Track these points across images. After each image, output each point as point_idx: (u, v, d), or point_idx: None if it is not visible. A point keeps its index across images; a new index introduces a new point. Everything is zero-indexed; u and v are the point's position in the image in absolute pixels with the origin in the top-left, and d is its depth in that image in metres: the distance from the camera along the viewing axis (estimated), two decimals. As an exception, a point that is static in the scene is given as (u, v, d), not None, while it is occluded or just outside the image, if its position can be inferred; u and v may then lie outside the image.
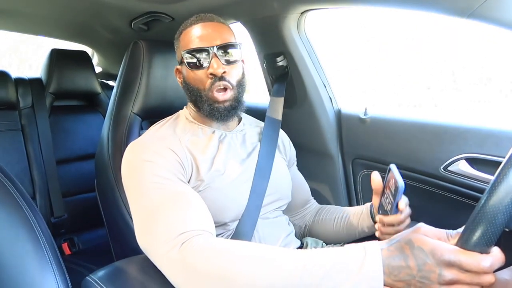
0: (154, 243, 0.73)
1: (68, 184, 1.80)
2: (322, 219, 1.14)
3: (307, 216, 1.19)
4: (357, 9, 1.12)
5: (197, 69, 0.91)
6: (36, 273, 0.68)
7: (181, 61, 0.95)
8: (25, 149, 1.71)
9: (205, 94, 0.92)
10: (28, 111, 1.75)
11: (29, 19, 1.53)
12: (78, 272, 1.51)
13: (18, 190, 0.76)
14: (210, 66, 0.89)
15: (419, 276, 0.54)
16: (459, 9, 0.82)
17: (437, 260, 0.53)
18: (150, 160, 0.82)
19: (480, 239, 0.51)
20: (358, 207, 1.08)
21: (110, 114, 1.21)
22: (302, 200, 1.19)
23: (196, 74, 0.92)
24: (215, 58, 0.89)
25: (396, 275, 0.56)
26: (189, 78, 0.94)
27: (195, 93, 0.93)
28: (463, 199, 1.09)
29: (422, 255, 0.54)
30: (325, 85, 1.37)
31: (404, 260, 0.55)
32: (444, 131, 1.11)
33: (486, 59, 2.17)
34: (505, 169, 0.50)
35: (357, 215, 1.05)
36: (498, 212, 0.50)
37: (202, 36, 0.91)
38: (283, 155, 1.13)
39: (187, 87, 0.96)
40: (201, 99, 0.92)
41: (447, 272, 0.52)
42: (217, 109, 0.92)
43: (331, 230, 1.11)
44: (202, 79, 0.91)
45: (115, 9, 1.32)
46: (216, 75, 0.89)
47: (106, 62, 2.13)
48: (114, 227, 1.16)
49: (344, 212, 1.10)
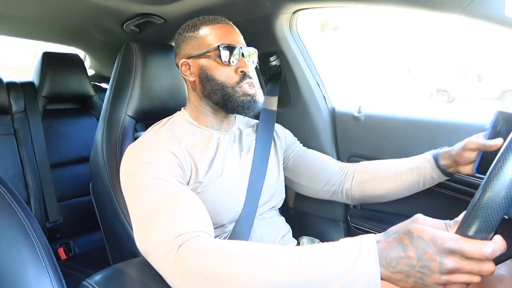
0: (152, 246, 0.73)
1: (62, 188, 1.79)
2: (371, 179, 1.07)
3: (347, 175, 1.12)
4: (348, 7, 1.12)
5: (228, 64, 0.93)
6: (32, 279, 0.68)
7: (202, 55, 0.95)
8: (19, 153, 1.70)
9: (233, 88, 0.94)
10: (21, 115, 1.74)
11: (19, 23, 1.52)
12: (75, 276, 1.50)
13: (12, 195, 0.75)
14: (241, 64, 0.94)
15: (419, 265, 0.53)
16: (450, 6, 0.83)
17: (438, 248, 0.52)
18: (149, 162, 0.82)
19: (481, 226, 0.51)
20: (413, 159, 1.02)
21: (103, 117, 1.20)
22: (328, 170, 1.14)
23: (227, 69, 0.94)
24: (243, 59, 0.94)
25: (395, 267, 0.55)
26: (216, 71, 0.94)
27: (222, 86, 0.94)
28: (458, 195, 1.09)
29: (422, 244, 0.53)
30: (319, 84, 1.37)
31: (403, 250, 0.55)
32: (438, 127, 1.12)
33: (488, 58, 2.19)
34: (504, 156, 0.50)
35: (418, 170, 0.99)
36: (499, 198, 0.49)
37: (232, 36, 0.96)
38: (278, 152, 1.13)
39: (210, 81, 0.95)
40: (228, 93, 0.94)
41: (448, 260, 0.52)
42: (246, 101, 0.94)
43: (392, 190, 1.04)
44: (231, 74, 0.94)
45: (107, 11, 1.31)
46: (247, 72, 0.94)
47: (98, 64, 2.12)
48: (110, 230, 1.16)
49: (398, 167, 1.03)
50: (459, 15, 0.82)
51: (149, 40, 1.54)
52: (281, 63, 1.35)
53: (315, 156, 1.18)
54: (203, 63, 0.95)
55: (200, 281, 0.65)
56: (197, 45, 0.95)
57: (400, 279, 0.55)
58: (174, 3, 1.20)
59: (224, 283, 0.63)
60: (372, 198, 1.09)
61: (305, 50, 1.35)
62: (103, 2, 1.22)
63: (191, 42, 0.96)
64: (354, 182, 1.10)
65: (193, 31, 0.96)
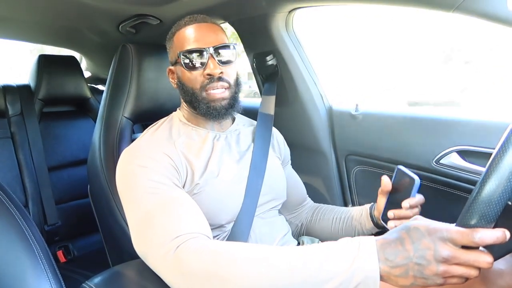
0: (150, 247, 0.73)
1: (60, 191, 1.79)
2: (320, 219, 1.15)
3: (303, 215, 1.19)
4: (344, 6, 1.12)
5: (193, 69, 0.91)
6: (31, 282, 0.67)
7: (176, 62, 0.95)
8: (16, 157, 1.69)
9: (201, 94, 0.92)
10: (18, 119, 1.73)
11: (15, 25, 1.51)
12: (74, 279, 1.50)
13: (10, 199, 0.75)
14: (207, 67, 0.90)
15: (416, 256, 0.54)
16: (445, 3, 0.83)
17: (432, 236, 0.54)
18: (144, 166, 0.82)
19: (479, 218, 0.52)
20: (356, 208, 1.07)
21: (101, 119, 1.20)
22: (298, 199, 1.19)
23: (192, 74, 0.92)
24: (212, 59, 0.90)
25: (392, 260, 0.55)
26: (185, 78, 0.94)
27: (191, 93, 0.93)
28: (456, 192, 1.10)
29: (418, 234, 0.55)
30: (316, 82, 1.37)
31: (401, 243, 0.56)
32: (435, 124, 1.12)
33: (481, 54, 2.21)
34: (504, 147, 0.51)
35: (356, 217, 1.05)
36: (496, 191, 0.50)
37: (198, 37, 0.91)
38: (278, 154, 1.13)
39: (182, 88, 0.95)
40: (197, 99, 0.92)
41: (442, 249, 0.53)
42: (214, 108, 0.92)
43: (328, 230, 1.11)
44: (198, 79, 0.92)
45: (102, 12, 1.31)
46: (214, 75, 0.90)
47: (94, 66, 2.11)
48: (109, 232, 1.16)
49: (342, 213, 1.10)
50: (454, 13, 0.83)
51: (145, 41, 1.54)
52: (278, 63, 1.35)
53: (294, 176, 1.21)
54: (177, 70, 0.97)
55: (199, 281, 0.65)
56: (172, 53, 0.97)
57: (399, 275, 0.56)
58: (170, 4, 1.20)
59: (224, 283, 0.63)
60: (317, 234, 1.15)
61: (301, 49, 1.35)
62: (99, 4, 1.22)
63: (171, 49, 0.98)
64: (310, 219, 1.18)
65: (171, 38, 0.98)
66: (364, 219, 1.02)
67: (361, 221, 1.03)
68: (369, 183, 1.34)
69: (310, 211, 1.19)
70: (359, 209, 1.05)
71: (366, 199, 1.37)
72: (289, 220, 1.17)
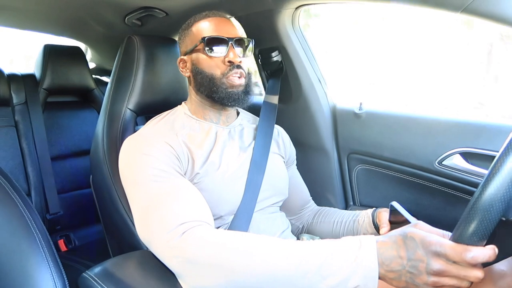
0: (155, 233, 0.74)
1: (63, 181, 1.79)
2: (321, 221, 1.15)
3: (304, 217, 1.19)
4: (350, 4, 1.12)
5: (215, 55, 0.94)
6: (32, 270, 0.68)
7: (193, 50, 0.98)
8: (19, 145, 1.70)
9: (220, 80, 0.95)
10: (22, 107, 1.74)
11: (21, 14, 1.51)
12: (75, 268, 1.51)
13: (13, 187, 0.76)
14: (227, 55, 0.94)
15: (409, 265, 0.56)
16: (452, 4, 0.82)
17: (426, 249, 0.55)
18: (147, 154, 0.84)
19: (471, 235, 0.52)
20: (359, 213, 1.07)
21: (104, 110, 1.20)
22: (301, 202, 1.19)
23: (213, 61, 0.95)
24: (232, 49, 0.94)
25: (388, 265, 0.58)
26: (204, 64, 0.96)
27: (209, 79, 0.95)
28: (458, 193, 1.10)
29: (413, 244, 0.57)
30: (320, 80, 1.37)
31: (396, 250, 0.58)
32: (439, 125, 1.12)
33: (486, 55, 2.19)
34: (499, 162, 0.51)
35: (358, 222, 1.05)
36: (490, 206, 0.50)
37: (220, 28, 0.96)
38: (282, 153, 1.13)
39: (199, 74, 0.97)
40: (216, 85, 0.95)
41: (435, 262, 0.54)
42: (233, 93, 0.95)
43: (329, 233, 1.11)
44: (219, 65, 0.95)
45: (109, 4, 1.31)
46: (234, 63, 0.94)
47: (99, 57, 2.11)
48: (110, 223, 1.16)
49: (344, 216, 1.11)
50: (461, 14, 0.82)
51: (151, 33, 1.54)
52: (283, 59, 1.34)
53: (298, 178, 1.22)
54: (194, 57, 0.98)
55: (203, 268, 0.66)
56: (190, 41, 0.99)
57: (393, 278, 0.58)
58: (176, -3, 1.20)
59: (227, 273, 0.64)
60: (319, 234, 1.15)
61: (307, 46, 1.34)
62: (105, -5, 1.22)
63: (186, 39, 1.00)
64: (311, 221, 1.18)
65: (187, 28, 1.00)
66: (366, 225, 1.02)
67: (363, 226, 1.03)
68: (370, 182, 1.34)
69: (312, 213, 1.19)
70: (361, 215, 1.06)
71: (367, 198, 1.37)
72: (290, 221, 1.17)
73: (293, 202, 1.16)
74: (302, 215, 1.20)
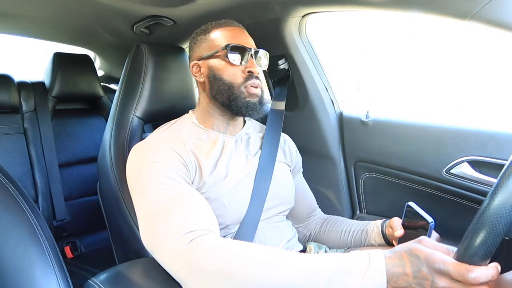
0: (161, 241, 0.73)
1: (70, 187, 1.81)
2: (329, 230, 1.14)
3: (311, 225, 1.19)
4: (358, 12, 1.12)
5: (236, 63, 0.94)
6: (38, 276, 0.68)
7: (212, 55, 0.97)
8: (28, 152, 1.72)
9: (239, 88, 0.95)
10: (31, 115, 1.76)
11: (31, 23, 1.54)
12: (81, 275, 1.51)
13: (21, 193, 0.76)
14: (249, 65, 0.94)
15: (415, 283, 0.57)
16: (460, 12, 0.82)
17: (430, 267, 0.55)
18: (155, 161, 0.83)
19: (474, 253, 0.52)
20: (368, 223, 1.06)
21: (112, 118, 1.21)
22: (308, 209, 1.19)
23: (234, 68, 0.95)
24: (252, 59, 0.95)
25: (396, 282, 0.58)
26: (224, 72, 0.95)
27: (228, 86, 0.95)
28: (466, 202, 1.08)
29: (418, 262, 0.57)
30: (327, 88, 1.37)
31: (402, 267, 0.58)
32: (447, 133, 1.11)
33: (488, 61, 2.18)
34: (503, 179, 0.51)
35: (367, 232, 1.04)
36: (493, 226, 0.50)
37: (241, 38, 0.97)
38: (288, 161, 1.13)
39: (218, 80, 0.96)
40: (234, 93, 0.95)
41: (439, 280, 0.54)
42: (251, 103, 0.95)
43: (337, 242, 1.10)
44: (238, 74, 0.95)
45: (117, 12, 1.32)
46: (254, 73, 0.94)
47: (108, 65, 2.13)
48: (117, 230, 1.16)
49: (352, 225, 1.10)
50: (469, 21, 0.82)
51: (159, 42, 1.55)
52: (290, 67, 1.35)
53: (305, 186, 1.21)
54: (212, 63, 0.97)
55: (211, 277, 0.65)
56: (208, 47, 0.98)
57: None
58: (184, 6, 1.21)
59: (235, 282, 0.64)
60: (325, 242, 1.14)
61: (314, 54, 1.35)
62: (114, 4, 1.23)
63: (202, 44, 0.99)
64: (319, 230, 1.17)
65: (204, 34, 0.99)
66: (375, 235, 1.01)
67: (372, 236, 1.02)
68: (377, 190, 1.33)
69: (320, 222, 1.18)
70: (370, 226, 1.05)
71: (374, 206, 1.36)
72: (297, 229, 1.16)
73: (299, 210, 1.15)
74: (309, 223, 1.19)
